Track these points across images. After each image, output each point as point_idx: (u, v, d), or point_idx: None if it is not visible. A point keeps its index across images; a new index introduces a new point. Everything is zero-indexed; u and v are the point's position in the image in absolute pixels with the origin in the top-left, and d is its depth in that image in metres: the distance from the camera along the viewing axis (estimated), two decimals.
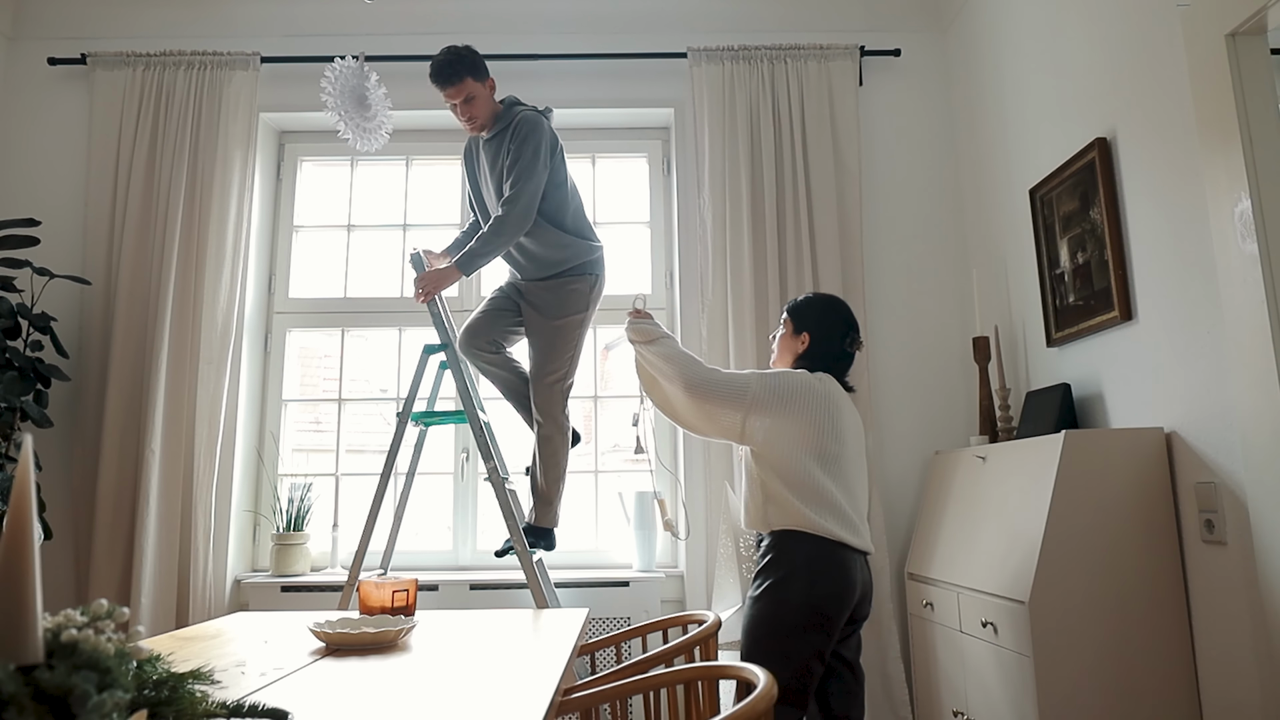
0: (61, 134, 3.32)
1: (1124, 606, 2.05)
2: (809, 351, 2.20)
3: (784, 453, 2.05)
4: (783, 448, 2.05)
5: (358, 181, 3.56)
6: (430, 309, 2.70)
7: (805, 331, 2.21)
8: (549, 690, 1.24)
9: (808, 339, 2.20)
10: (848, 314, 2.23)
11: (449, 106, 2.64)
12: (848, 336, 2.20)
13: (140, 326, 3.10)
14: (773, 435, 2.06)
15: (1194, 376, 2.04)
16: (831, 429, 2.06)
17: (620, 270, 3.47)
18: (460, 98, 2.58)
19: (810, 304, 2.25)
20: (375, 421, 3.54)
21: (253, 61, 3.27)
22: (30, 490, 0.67)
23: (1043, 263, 2.68)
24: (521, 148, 2.56)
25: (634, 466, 3.39)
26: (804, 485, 2.02)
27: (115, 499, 2.97)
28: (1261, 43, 1.87)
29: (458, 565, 3.23)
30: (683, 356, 2.19)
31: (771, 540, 2.07)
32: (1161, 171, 2.15)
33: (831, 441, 2.05)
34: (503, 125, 2.64)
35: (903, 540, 3.09)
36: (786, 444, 2.05)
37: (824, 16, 3.43)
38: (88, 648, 0.68)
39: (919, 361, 3.23)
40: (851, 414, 2.15)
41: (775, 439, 2.06)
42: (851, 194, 3.21)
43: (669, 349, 2.21)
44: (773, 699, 1.15)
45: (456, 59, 2.57)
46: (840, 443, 2.07)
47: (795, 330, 2.23)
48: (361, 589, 1.91)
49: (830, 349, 2.19)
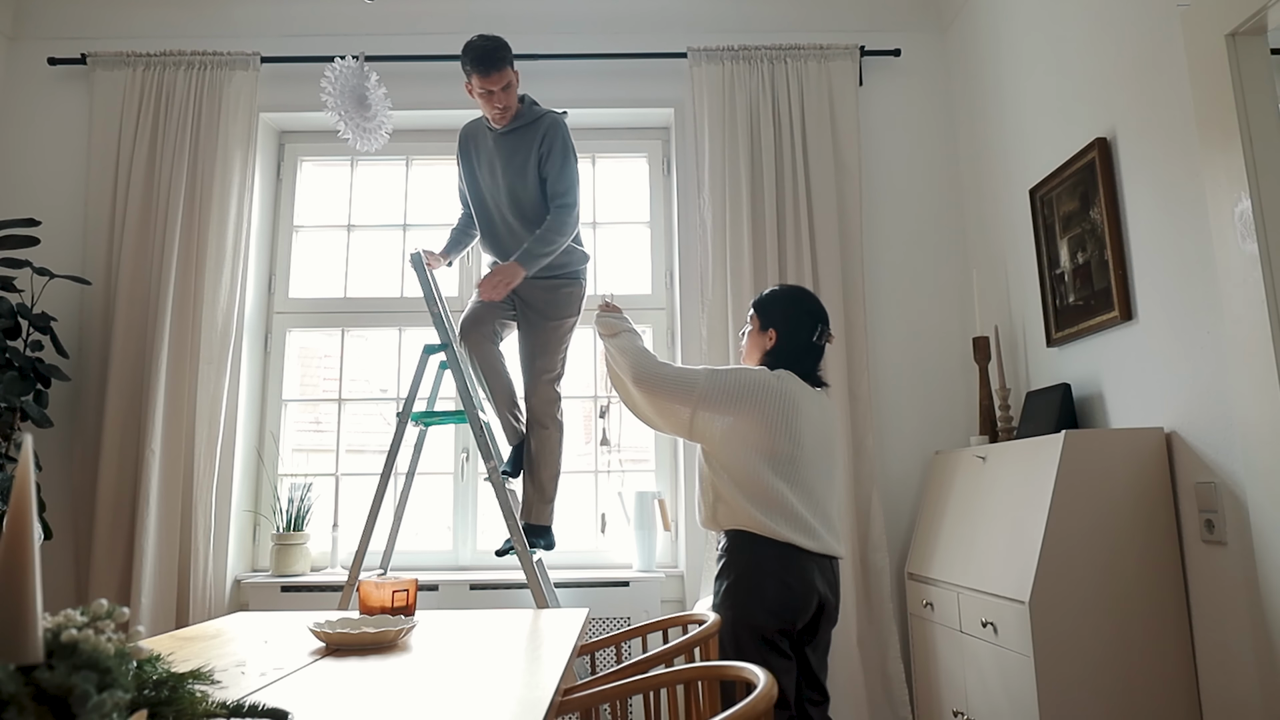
0: (61, 134, 3.32)
1: (1124, 606, 2.05)
2: (776, 347, 2.15)
3: (733, 452, 2.02)
4: (731, 447, 2.02)
5: (358, 181, 3.56)
6: (429, 307, 2.70)
7: (771, 327, 2.16)
8: (549, 690, 1.24)
9: (774, 335, 2.16)
10: (814, 306, 2.17)
11: (480, 94, 2.58)
12: (815, 329, 2.15)
13: (140, 326, 3.10)
14: (721, 433, 2.04)
15: (1194, 376, 2.04)
16: (785, 429, 2.01)
17: (620, 270, 3.48)
18: (500, 85, 2.57)
19: (775, 298, 2.20)
20: (375, 421, 3.54)
21: (253, 61, 3.27)
22: (30, 490, 0.67)
23: (1043, 263, 2.68)
24: (565, 153, 2.64)
25: (634, 466, 3.39)
26: (752, 486, 2.00)
27: (115, 499, 2.97)
28: (1261, 43, 1.87)
29: (458, 565, 3.23)
30: (636, 350, 2.16)
31: (725, 542, 2.06)
32: (1161, 171, 2.15)
33: (784, 442, 2.01)
34: (527, 121, 2.65)
35: (903, 540, 3.09)
36: (735, 443, 2.02)
37: (824, 16, 3.43)
38: (88, 648, 0.68)
39: (919, 361, 3.23)
40: (818, 412, 2.10)
41: (724, 437, 2.03)
42: (851, 194, 3.21)
43: (626, 342, 2.19)
44: (772, 699, 1.15)
45: (500, 45, 2.56)
46: (795, 443, 2.02)
47: (762, 326, 2.18)
48: (361, 589, 1.91)
49: (797, 344, 2.14)
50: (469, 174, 2.77)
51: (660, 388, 2.09)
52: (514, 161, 2.65)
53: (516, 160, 2.65)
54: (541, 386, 2.67)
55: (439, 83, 3.35)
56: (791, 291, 2.21)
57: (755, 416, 2.01)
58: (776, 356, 2.15)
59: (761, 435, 2.01)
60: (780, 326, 2.15)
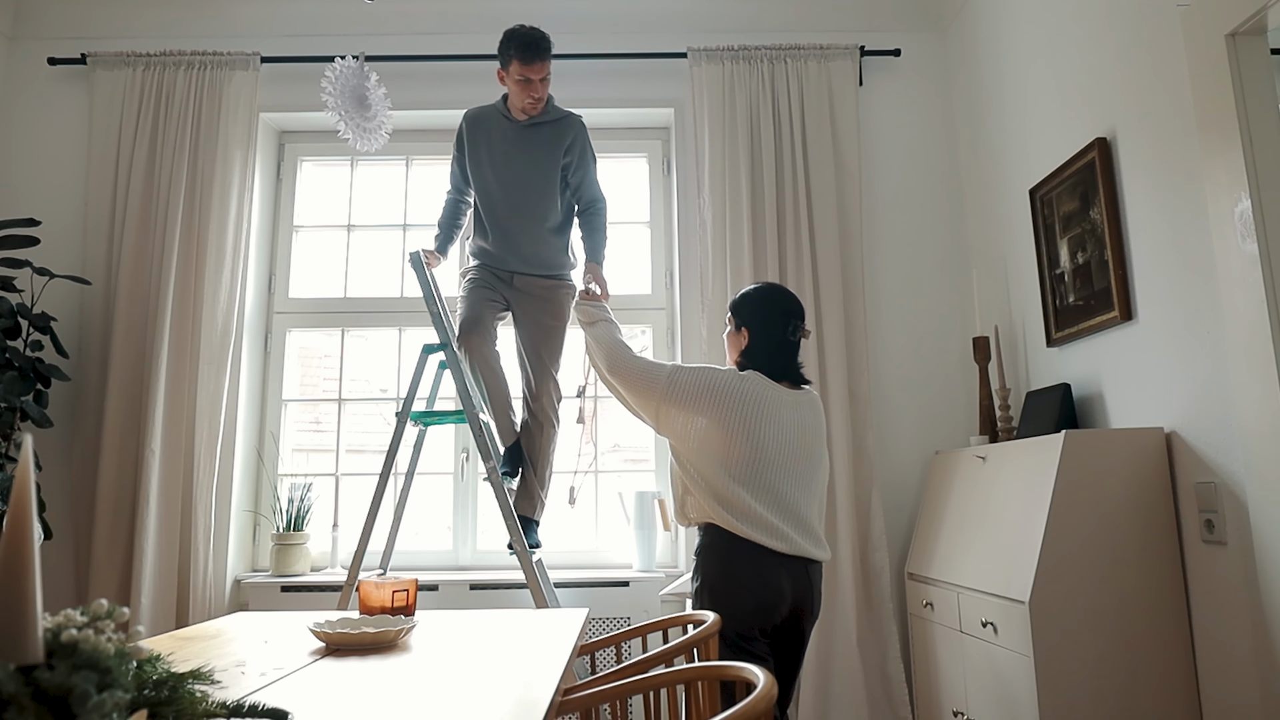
0: (61, 134, 3.32)
1: (1124, 606, 2.05)
2: (750, 346, 2.15)
3: (694, 449, 2.04)
4: (693, 444, 2.04)
5: (358, 181, 3.56)
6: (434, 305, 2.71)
7: (744, 326, 2.16)
8: (549, 690, 1.24)
9: (747, 333, 2.15)
10: (787, 303, 2.15)
11: (518, 81, 2.57)
12: (789, 325, 2.13)
13: (140, 326, 3.10)
14: (683, 430, 2.05)
15: (1194, 376, 2.04)
16: (744, 433, 1.99)
17: (620, 270, 3.48)
18: (542, 75, 2.60)
19: (748, 298, 2.19)
20: (375, 421, 3.54)
21: (253, 61, 3.27)
22: (30, 490, 0.67)
23: (1043, 263, 2.68)
24: (592, 155, 2.73)
25: (634, 466, 3.39)
26: (710, 486, 2.01)
27: (115, 499, 2.97)
28: (1261, 43, 1.87)
29: (458, 565, 3.23)
30: (611, 340, 2.22)
31: (701, 537, 2.07)
32: (1161, 171, 2.15)
33: (742, 445, 1.99)
34: (553, 118, 2.69)
35: (903, 540, 3.09)
36: (696, 441, 2.03)
37: (824, 16, 3.43)
38: (88, 648, 0.68)
39: (919, 361, 3.23)
40: (791, 413, 2.06)
41: (685, 434, 2.05)
42: (851, 194, 3.21)
43: (602, 332, 2.25)
44: (772, 699, 1.15)
45: (547, 35, 2.60)
46: (756, 447, 1.99)
47: (737, 326, 2.18)
48: (361, 589, 1.91)
49: (771, 342, 2.13)
50: (473, 159, 2.73)
51: (629, 379, 2.14)
52: (535, 155, 2.66)
53: (539, 155, 2.66)
54: (552, 385, 2.72)
55: (439, 83, 3.36)
56: (764, 289, 2.20)
57: (714, 418, 2.02)
58: (750, 355, 2.15)
59: (718, 438, 2.01)
60: (752, 325, 2.15)
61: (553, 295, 2.73)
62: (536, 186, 2.67)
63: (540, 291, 2.72)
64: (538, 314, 2.71)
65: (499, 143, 2.69)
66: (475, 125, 2.73)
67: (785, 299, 2.16)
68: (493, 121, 2.71)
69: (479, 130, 2.72)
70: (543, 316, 2.71)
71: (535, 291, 2.72)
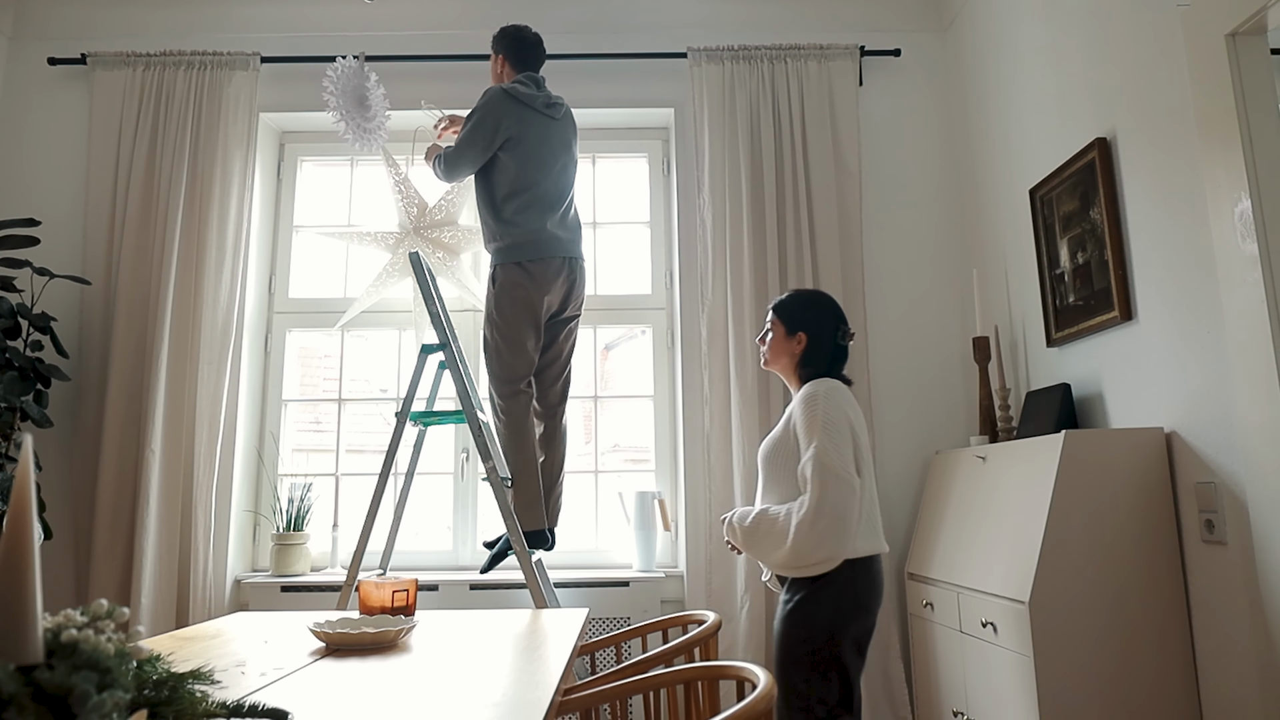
0: (61, 134, 3.32)
1: (1124, 606, 2.05)
2: (808, 351, 2.18)
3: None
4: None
5: (357, 181, 3.56)
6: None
7: (801, 331, 2.19)
8: (549, 690, 1.24)
9: (804, 338, 2.18)
10: (836, 307, 2.23)
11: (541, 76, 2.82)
12: (839, 329, 2.19)
13: (140, 326, 3.10)
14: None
15: (1194, 376, 2.04)
16: (863, 440, 2.08)
17: (620, 270, 3.48)
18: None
19: (799, 301, 2.23)
20: (375, 421, 3.54)
21: (253, 61, 3.27)
22: (30, 490, 0.67)
23: (1043, 263, 2.68)
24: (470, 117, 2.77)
25: (634, 466, 3.39)
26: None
27: (115, 499, 2.97)
28: (1261, 43, 1.87)
29: (458, 565, 3.22)
30: (785, 522, 2.01)
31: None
32: (1161, 171, 2.15)
33: (864, 449, 2.07)
34: (566, 111, 2.86)
35: (903, 540, 3.09)
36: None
37: (824, 17, 3.43)
38: (88, 648, 0.68)
39: (919, 361, 3.23)
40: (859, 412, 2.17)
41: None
42: (851, 194, 3.21)
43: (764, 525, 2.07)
44: (772, 699, 1.15)
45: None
46: (865, 449, 2.08)
47: (789, 331, 2.20)
48: (361, 589, 1.91)
49: (827, 345, 2.18)
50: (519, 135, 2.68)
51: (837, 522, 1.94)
52: (569, 146, 2.83)
53: (568, 146, 2.83)
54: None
55: (439, 83, 3.35)
56: (813, 295, 2.25)
57: (852, 441, 2.05)
58: (811, 360, 2.18)
59: (855, 454, 2.06)
60: (810, 329, 2.18)
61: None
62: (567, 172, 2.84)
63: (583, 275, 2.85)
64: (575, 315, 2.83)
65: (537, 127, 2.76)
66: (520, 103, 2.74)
67: (834, 303, 2.24)
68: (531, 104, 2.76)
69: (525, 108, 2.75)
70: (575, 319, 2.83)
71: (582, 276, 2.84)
